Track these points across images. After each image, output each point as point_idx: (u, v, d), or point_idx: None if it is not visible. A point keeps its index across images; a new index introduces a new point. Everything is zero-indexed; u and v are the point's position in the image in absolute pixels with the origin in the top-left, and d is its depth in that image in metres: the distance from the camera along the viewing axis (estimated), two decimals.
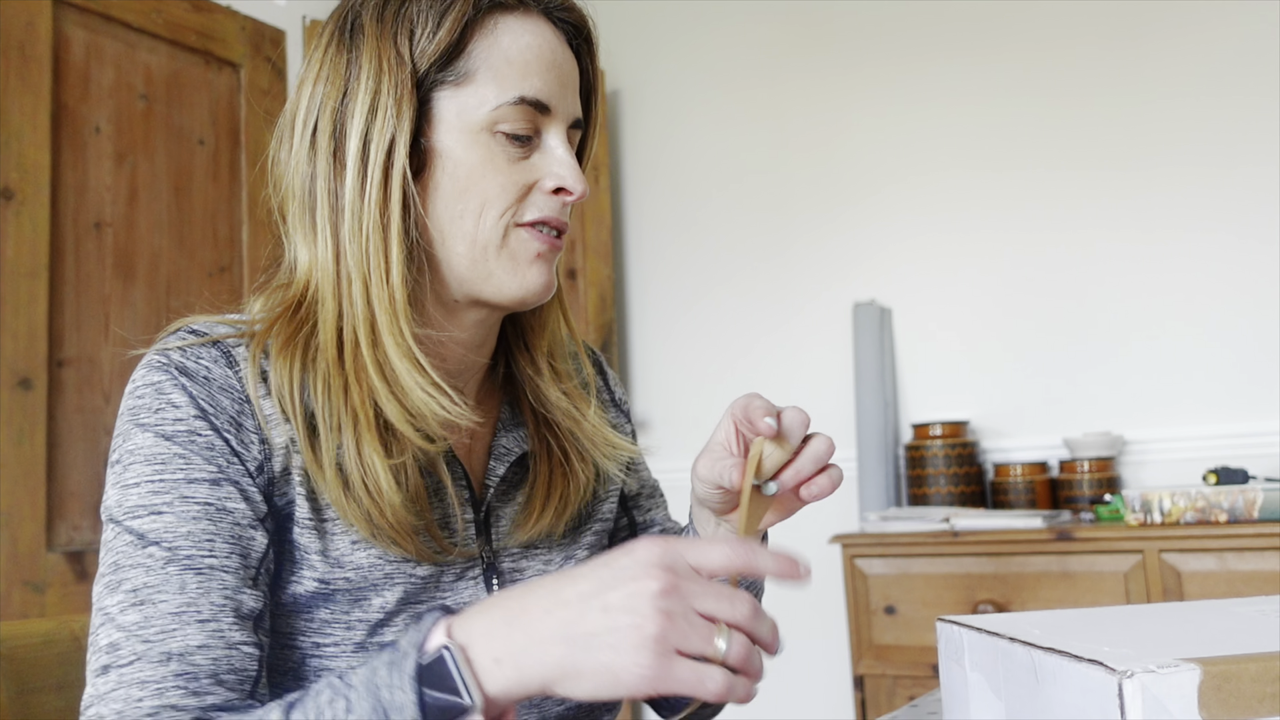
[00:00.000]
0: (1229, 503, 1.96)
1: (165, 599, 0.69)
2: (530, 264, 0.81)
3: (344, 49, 0.80)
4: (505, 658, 0.58)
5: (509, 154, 0.80)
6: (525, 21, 0.81)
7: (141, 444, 0.73)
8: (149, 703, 0.66)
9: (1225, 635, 0.63)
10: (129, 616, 0.68)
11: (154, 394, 0.75)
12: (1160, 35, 2.46)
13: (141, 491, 0.72)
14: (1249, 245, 2.35)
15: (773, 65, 2.91)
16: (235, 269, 2.49)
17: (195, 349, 0.77)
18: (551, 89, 0.81)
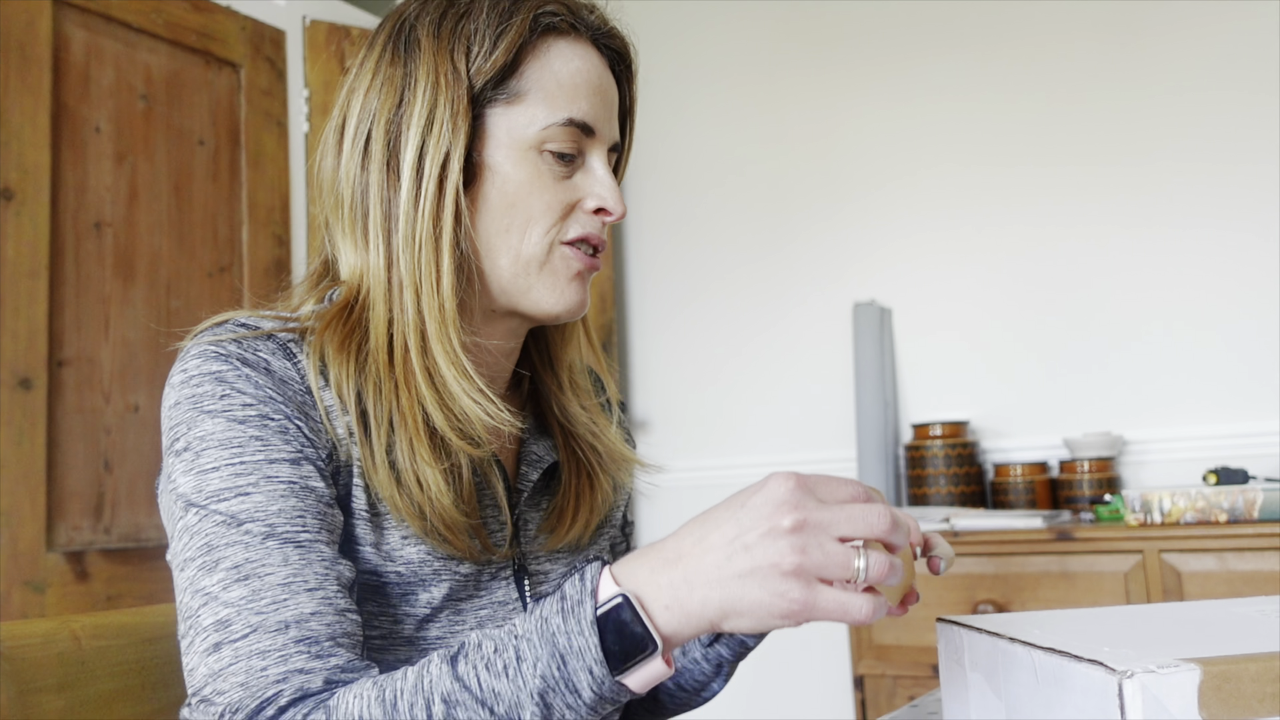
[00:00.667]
0: (1229, 503, 1.96)
1: (270, 572, 0.69)
2: (569, 281, 0.84)
3: (399, 60, 0.82)
4: (673, 603, 0.61)
5: (554, 172, 0.82)
6: (575, 46, 0.84)
7: (213, 429, 0.73)
8: (274, 670, 0.66)
9: (1225, 635, 0.63)
10: (234, 592, 0.68)
11: (215, 382, 0.75)
12: (1160, 33, 2.46)
13: (223, 475, 0.72)
14: (1249, 244, 2.35)
15: (772, 64, 2.91)
16: (235, 269, 2.49)
17: (250, 341, 0.77)
18: (597, 112, 0.84)
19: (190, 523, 0.72)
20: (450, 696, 0.62)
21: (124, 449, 2.19)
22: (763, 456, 2.83)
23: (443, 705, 0.62)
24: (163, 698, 0.93)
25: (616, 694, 0.62)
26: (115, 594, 2.13)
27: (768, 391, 2.85)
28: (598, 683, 0.61)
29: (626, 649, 0.61)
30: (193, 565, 0.70)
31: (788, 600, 0.59)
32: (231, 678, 0.66)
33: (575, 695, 0.61)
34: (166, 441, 0.75)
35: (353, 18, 2.85)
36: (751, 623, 0.60)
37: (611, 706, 0.63)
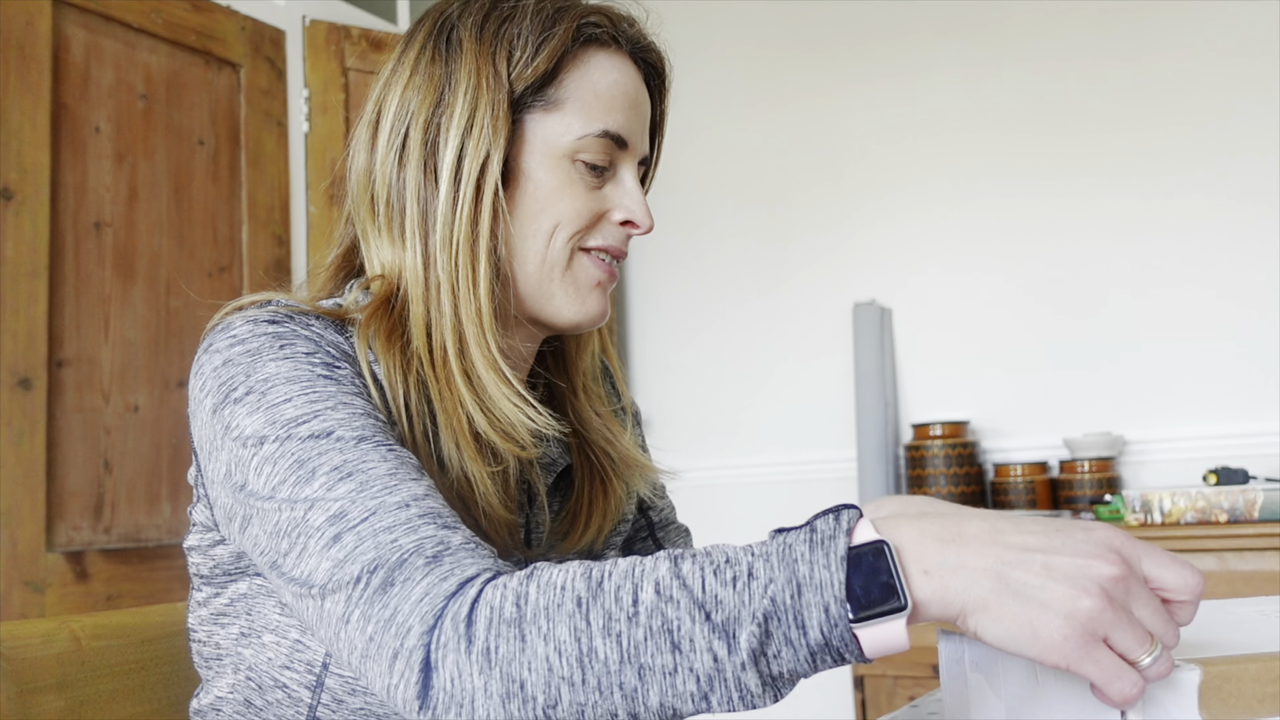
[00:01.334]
0: (1229, 503, 1.96)
1: (373, 466, 0.67)
2: (590, 291, 0.84)
3: (440, 59, 0.82)
4: (934, 572, 0.55)
5: (585, 182, 0.83)
6: (614, 58, 0.84)
7: (278, 370, 0.72)
8: (405, 540, 0.63)
9: (1225, 635, 0.63)
10: (342, 488, 0.66)
11: (273, 339, 0.74)
12: (1162, 35, 2.46)
13: (297, 404, 0.70)
14: (1250, 245, 2.35)
15: (772, 63, 2.91)
16: (235, 269, 2.49)
17: (301, 316, 0.77)
18: (631, 125, 0.84)
19: (269, 452, 0.69)
20: (664, 588, 0.57)
21: (124, 449, 2.19)
22: (763, 456, 2.83)
23: (653, 594, 0.57)
24: (163, 698, 0.93)
25: (844, 646, 0.55)
26: (115, 594, 2.13)
27: (768, 391, 2.85)
28: (831, 623, 0.55)
29: (872, 597, 0.54)
30: (284, 486, 0.68)
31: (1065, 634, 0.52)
32: (360, 557, 0.63)
33: (800, 631, 0.55)
34: (217, 398, 0.73)
35: (353, 18, 2.85)
36: (1003, 633, 0.54)
37: (831, 663, 0.56)
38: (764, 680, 0.56)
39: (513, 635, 0.58)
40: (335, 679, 0.75)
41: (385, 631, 0.61)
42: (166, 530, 2.25)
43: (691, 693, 0.56)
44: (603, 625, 0.57)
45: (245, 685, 0.79)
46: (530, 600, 0.59)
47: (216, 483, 0.74)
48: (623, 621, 0.57)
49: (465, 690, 0.58)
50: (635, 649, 0.57)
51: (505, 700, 0.58)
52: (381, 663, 0.61)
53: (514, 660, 0.58)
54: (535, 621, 0.58)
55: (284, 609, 0.77)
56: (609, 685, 0.57)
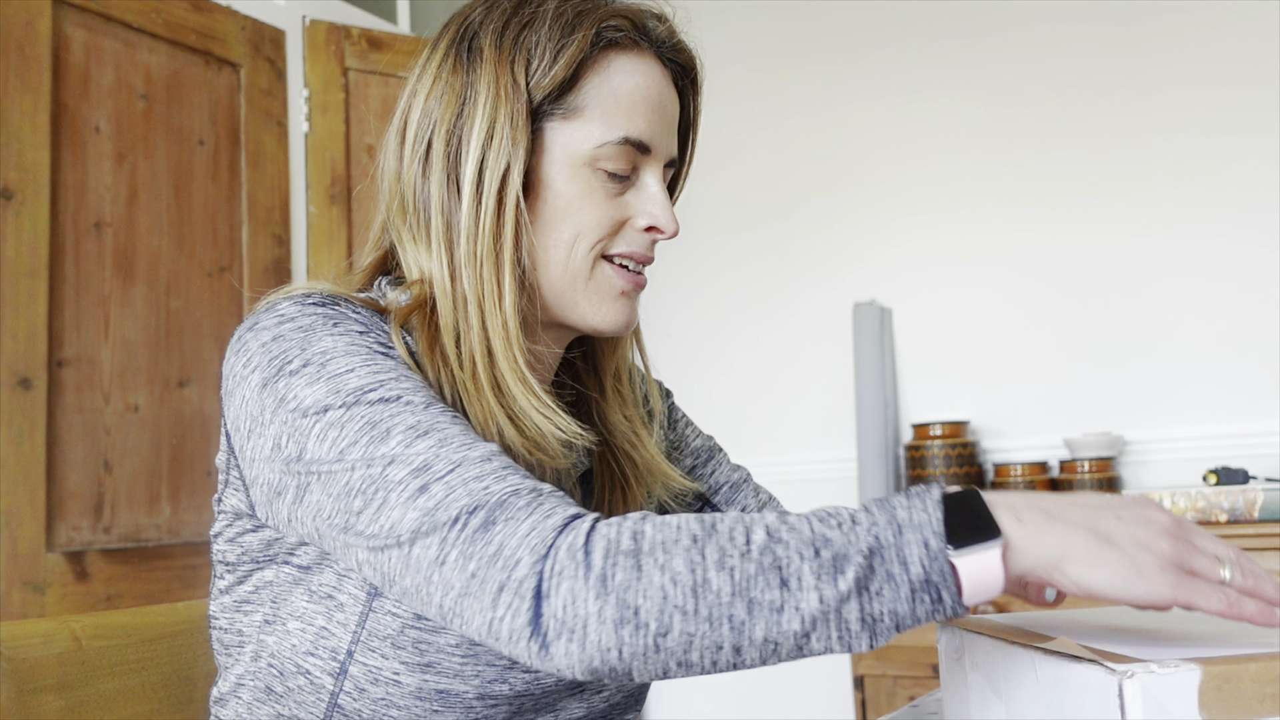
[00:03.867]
0: (1229, 503, 1.96)
1: (447, 426, 0.68)
2: (614, 300, 0.83)
3: (460, 68, 0.81)
4: (1027, 521, 0.60)
5: (606, 189, 0.82)
6: (637, 61, 0.84)
7: (335, 344, 0.72)
8: (497, 486, 0.64)
9: (1225, 635, 0.63)
10: (421, 444, 0.66)
11: (324, 317, 0.74)
12: (1161, 35, 2.46)
13: (361, 374, 0.70)
14: (1249, 245, 2.35)
15: (773, 63, 2.91)
16: (235, 269, 2.49)
17: (347, 302, 0.77)
18: (655, 130, 0.83)
19: (335, 418, 0.69)
20: (774, 531, 0.61)
21: (124, 449, 2.19)
22: (763, 456, 2.83)
23: (764, 535, 0.60)
24: (163, 697, 0.93)
25: (942, 580, 0.59)
26: (115, 594, 2.13)
27: (768, 391, 2.85)
28: (931, 556, 0.58)
29: (968, 527, 0.59)
30: (356, 447, 0.67)
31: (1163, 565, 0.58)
32: (454, 503, 0.63)
33: (903, 567, 0.59)
34: (268, 372, 0.72)
35: (353, 18, 2.85)
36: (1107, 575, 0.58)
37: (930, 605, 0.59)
38: (864, 619, 0.59)
39: (630, 564, 0.60)
40: (359, 667, 0.74)
41: (491, 566, 0.61)
42: (166, 530, 2.25)
43: (795, 630, 0.59)
44: (717, 559, 0.60)
45: (267, 672, 0.79)
46: (647, 536, 0.61)
47: (260, 460, 0.73)
48: (736, 557, 0.60)
49: (579, 615, 0.59)
50: (747, 583, 0.59)
51: (618, 625, 0.59)
52: (484, 598, 0.61)
53: (630, 587, 0.59)
54: (652, 553, 0.60)
55: (312, 596, 0.76)
56: (719, 616, 0.59)
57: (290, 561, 0.77)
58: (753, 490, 1.07)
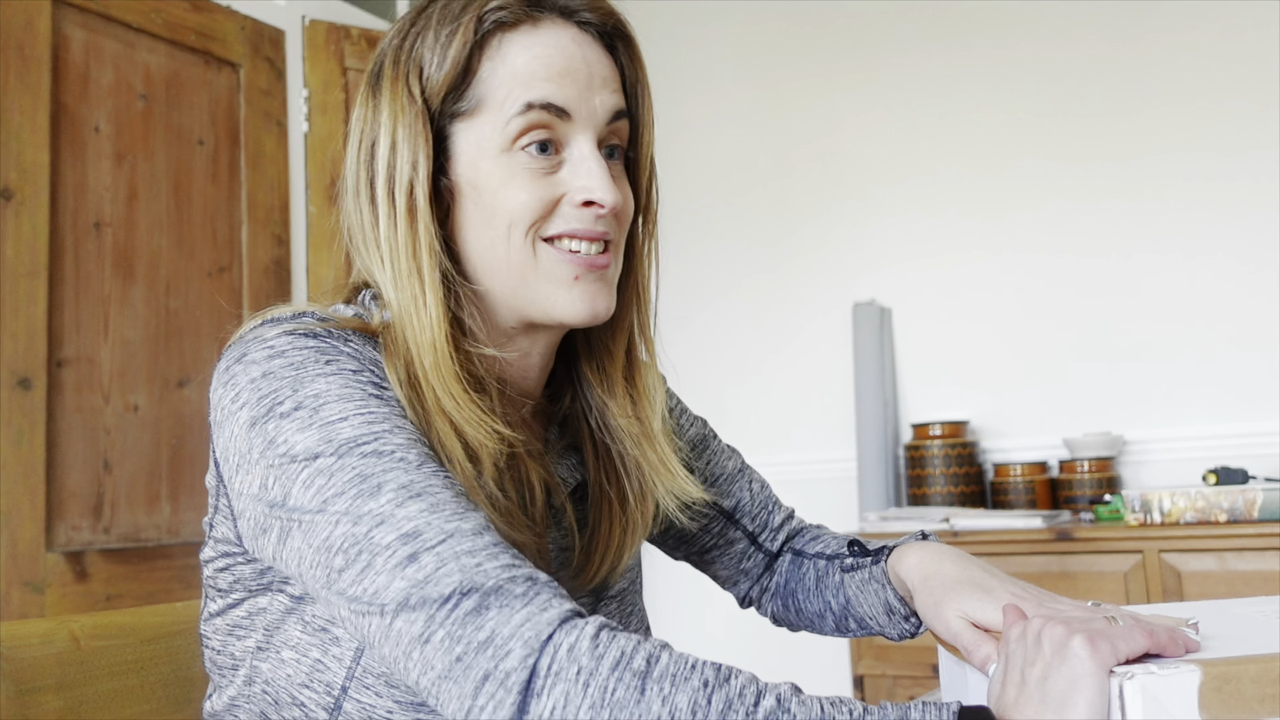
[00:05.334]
0: (1229, 503, 1.96)
1: (440, 490, 0.66)
2: (568, 287, 0.78)
3: (371, 94, 0.81)
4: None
5: (531, 169, 0.77)
6: (534, 34, 0.79)
7: (328, 387, 0.70)
8: (490, 565, 0.62)
9: (1225, 635, 0.63)
10: (413, 506, 0.64)
11: (317, 353, 0.72)
12: (1161, 34, 2.46)
13: (354, 423, 0.68)
14: (1249, 246, 2.35)
15: (773, 64, 2.91)
16: (235, 269, 2.49)
17: (340, 331, 0.75)
18: (568, 92, 0.78)
19: (325, 465, 0.67)
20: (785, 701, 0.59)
21: (124, 449, 2.19)
22: (763, 456, 2.82)
23: (774, 702, 0.59)
24: (162, 697, 0.93)
25: None
26: (115, 594, 2.13)
27: (768, 391, 2.85)
28: None
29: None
30: (343, 498, 0.65)
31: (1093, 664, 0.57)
32: (445, 579, 0.61)
33: None
34: (257, 410, 0.70)
35: (352, 17, 2.85)
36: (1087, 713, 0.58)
37: None
38: None
39: (635, 684, 0.58)
40: (353, 703, 0.73)
41: (479, 653, 0.59)
42: (166, 530, 2.25)
43: None
44: (720, 711, 0.58)
45: (261, 698, 0.78)
46: (661, 662, 0.59)
47: (246, 495, 0.72)
48: (740, 714, 0.58)
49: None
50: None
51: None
52: (466, 684, 0.59)
53: (627, 708, 0.57)
54: (660, 681, 0.58)
55: (306, 627, 0.75)
56: None
57: (284, 590, 0.76)
58: (747, 481, 1.05)
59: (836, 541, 1.01)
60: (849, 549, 0.97)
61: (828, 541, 1.02)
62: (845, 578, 0.97)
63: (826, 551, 1.00)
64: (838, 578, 0.97)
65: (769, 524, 1.04)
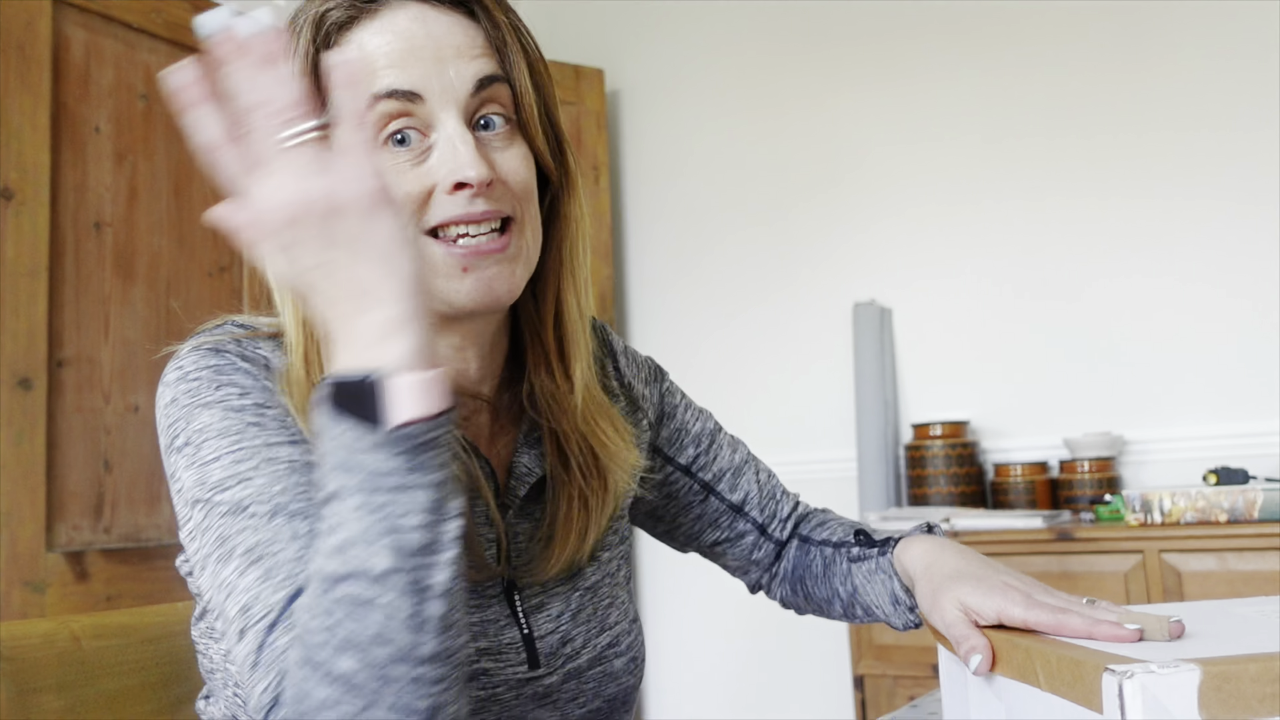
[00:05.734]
0: (1229, 503, 1.96)
1: (281, 548, 0.67)
2: (461, 278, 0.74)
3: None
4: None
5: (399, 165, 0.73)
6: (373, 25, 0.74)
7: (210, 420, 0.72)
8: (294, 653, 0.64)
9: (1225, 635, 0.63)
10: (250, 576, 0.67)
11: (213, 374, 0.73)
12: (1162, 36, 2.46)
13: (224, 464, 0.70)
14: (1250, 245, 2.35)
15: (772, 64, 2.91)
16: (235, 269, 2.49)
17: (250, 340, 0.76)
18: (414, 73, 0.73)
19: (198, 521, 0.70)
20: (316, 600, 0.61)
21: (124, 449, 2.19)
22: (763, 456, 2.82)
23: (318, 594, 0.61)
24: (162, 697, 0.93)
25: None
26: (115, 594, 2.13)
27: (768, 391, 2.85)
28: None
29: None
30: (211, 560, 0.69)
31: None
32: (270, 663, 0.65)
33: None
34: (166, 440, 0.74)
35: None
36: None
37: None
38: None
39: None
40: None
41: None
42: (166, 530, 2.25)
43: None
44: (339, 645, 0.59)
45: (233, 702, 0.80)
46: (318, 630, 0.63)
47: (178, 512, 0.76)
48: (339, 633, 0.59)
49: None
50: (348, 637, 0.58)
51: None
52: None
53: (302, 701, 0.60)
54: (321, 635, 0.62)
55: None
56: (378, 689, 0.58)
57: None
58: (754, 472, 1.05)
59: (843, 528, 1.01)
60: (855, 538, 0.97)
61: (833, 528, 1.02)
62: (852, 567, 0.96)
63: (833, 539, 1.00)
64: (845, 566, 0.97)
65: (778, 514, 1.04)
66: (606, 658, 0.85)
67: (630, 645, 0.88)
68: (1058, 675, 0.60)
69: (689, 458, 1.02)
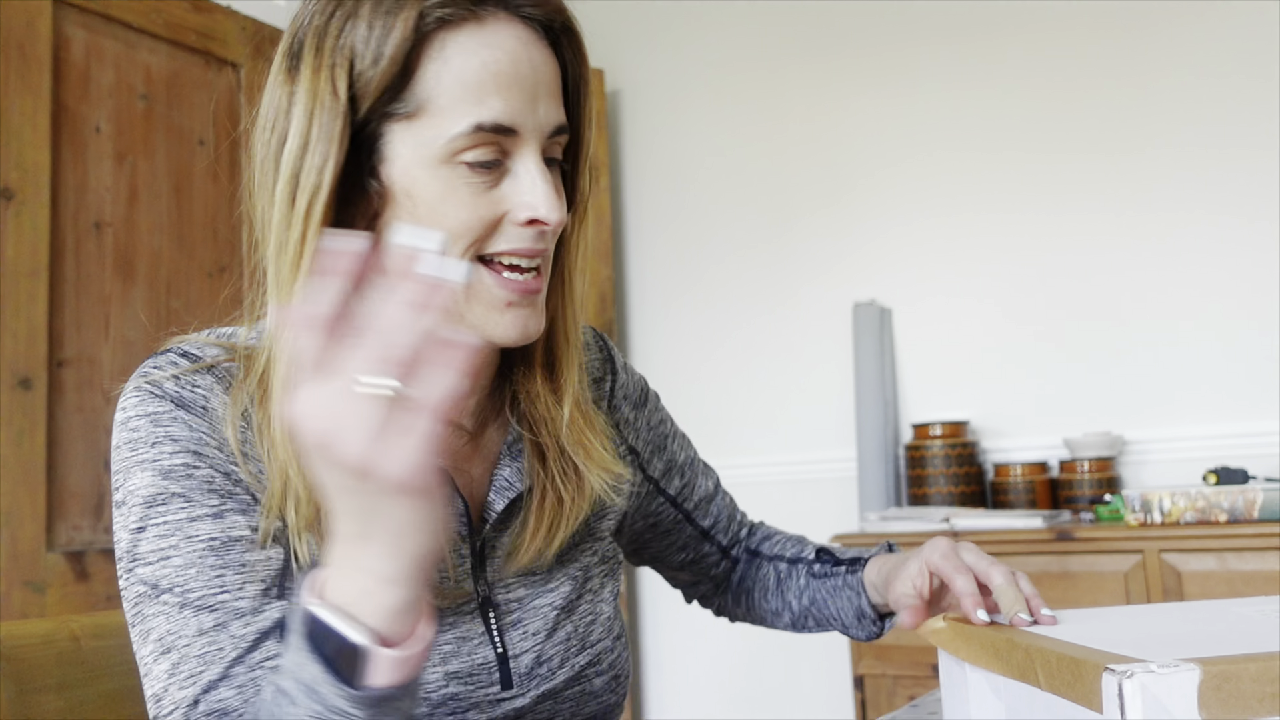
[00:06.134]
0: (1229, 503, 1.96)
1: (187, 642, 0.70)
2: (503, 312, 0.74)
3: (286, 80, 0.73)
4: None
5: (472, 185, 0.72)
6: (479, 34, 0.72)
7: (140, 484, 0.72)
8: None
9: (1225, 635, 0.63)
10: (161, 665, 0.70)
11: (150, 425, 0.73)
12: (1162, 36, 2.46)
13: (148, 536, 0.72)
14: (1250, 244, 2.35)
15: (773, 65, 2.91)
16: (235, 269, 2.49)
17: (189, 376, 0.74)
18: (515, 107, 0.72)
19: (126, 583, 0.73)
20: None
21: None
22: (763, 456, 2.83)
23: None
24: None
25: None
26: (115, 594, 2.13)
27: (767, 391, 2.85)
28: None
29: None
30: (134, 629, 0.73)
31: None
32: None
33: None
34: (112, 486, 0.75)
35: None
36: None
37: None
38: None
39: None
40: None
41: None
42: None
43: None
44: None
45: None
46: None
47: None
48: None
49: None
50: None
51: None
52: None
53: None
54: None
55: None
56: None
57: None
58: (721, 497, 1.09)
59: (794, 544, 1.06)
60: (818, 556, 1.02)
61: (782, 543, 1.07)
62: (815, 583, 1.01)
63: (786, 555, 1.05)
64: (803, 581, 1.02)
65: (739, 536, 1.09)
66: (586, 676, 0.84)
67: (613, 663, 0.86)
68: (1058, 675, 0.60)
69: (676, 488, 1.04)
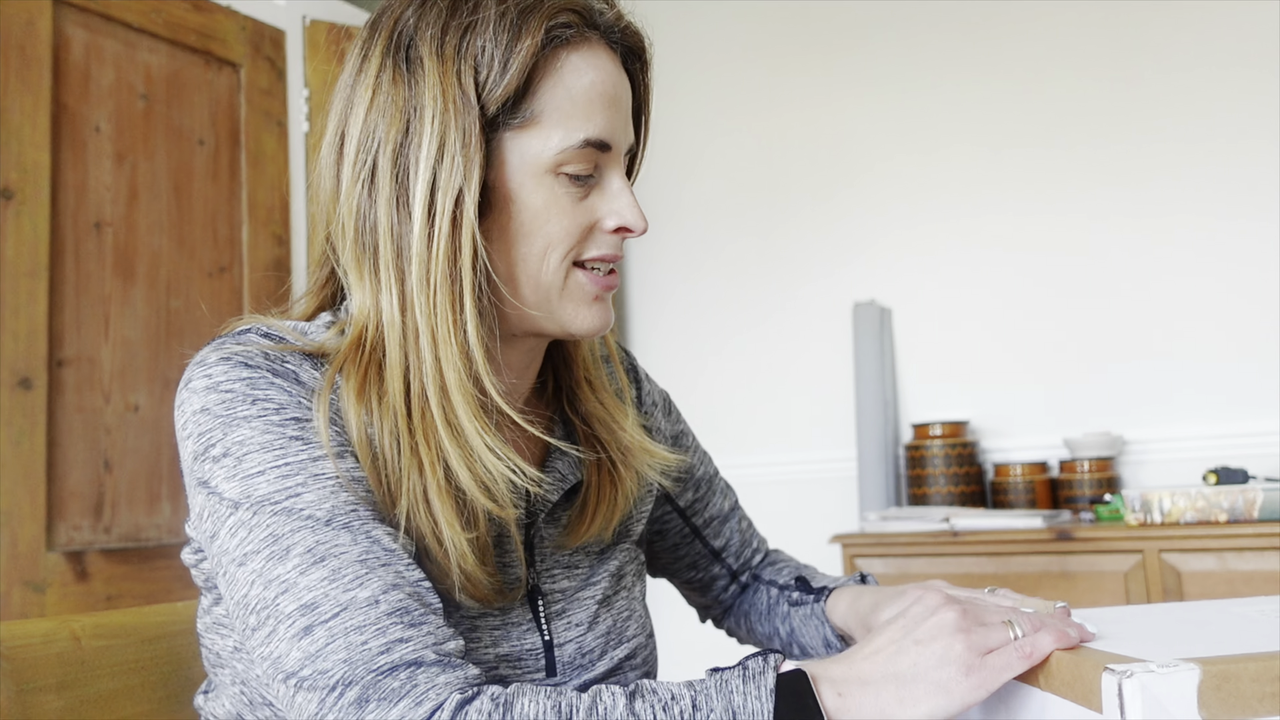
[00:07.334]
0: (1229, 503, 1.96)
1: (345, 550, 0.68)
2: (589, 305, 0.81)
3: (401, 80, 0.76)
4: (847, 695, 0.65)
5: (571, 195, 0.78)
6: (588, 56, 0.78)
7: (250, 434, 0.71)
8: (375, 642, 0.65)
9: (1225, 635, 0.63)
10: (313, 575, 0.67)
11: (246, 387, 0.72)
12: (1162, 33, 2.46)
13: (270, 478, 0.70)
14: (1250, 245, 2.35)
15: (772, 62, 2.91)
16: (235, 269, 2.49)
17: (277, 354, 0.75)
18: (612, 125, 0.79)
19: (244, 518, 0.70)
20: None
21: (124, 449, 2.19)
22: (763, 456, 2.83)
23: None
24: (163, 697, 0.93)
25: None
26: (115, 594, 2.13)
27: (767, 391, 2.85)
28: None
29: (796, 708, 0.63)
30: (258, 558, 0.69)
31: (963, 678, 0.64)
32: (332, 655, 0.65)
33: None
34: (197, 446, 0.73)
35: (353, 17, 2.85)
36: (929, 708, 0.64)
37: None
38: None
39: None
40: None
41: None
42: (166, 530, 2.25)
43: None
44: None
45: (239, 698, 0.80)
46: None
47: (193, 515, 0.75)
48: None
49: None
50: None
51: None
52: None
53: None
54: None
55: None
56: None
57: None
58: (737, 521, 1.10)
59: (788, 570, 1.08)
60: (796, 583, 1.04)
61: (780, 570, 1.09)
62: (791, 610, 1.03)
63: (779, 581, 1.07)
64: (784, 609, 1.04)
65: (750, 562, 1.10)
66: (622, 669, 0.87)
67: (646, 659, 0.90)
68: (1058, 675, 0.60)
69: (687, 501, 1.05)
